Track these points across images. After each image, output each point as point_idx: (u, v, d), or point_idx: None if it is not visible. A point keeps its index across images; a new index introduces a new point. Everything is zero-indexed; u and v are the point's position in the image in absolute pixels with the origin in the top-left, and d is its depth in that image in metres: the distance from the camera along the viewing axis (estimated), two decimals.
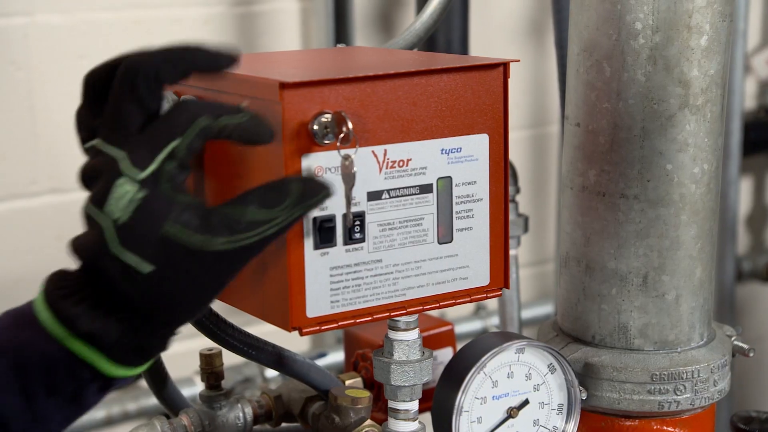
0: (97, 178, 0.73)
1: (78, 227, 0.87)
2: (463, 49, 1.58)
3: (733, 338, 1.06)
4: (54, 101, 1.60)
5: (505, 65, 0.88)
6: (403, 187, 0.84)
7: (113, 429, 1.66)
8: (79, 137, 0.79)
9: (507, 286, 0.91)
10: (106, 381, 0.76)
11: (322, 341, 1.79)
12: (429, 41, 1.55)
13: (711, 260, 1.02)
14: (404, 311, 0.85)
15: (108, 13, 1.63)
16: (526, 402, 0.85)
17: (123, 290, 0.72)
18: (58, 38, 1.59)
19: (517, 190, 1.33)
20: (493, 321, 1.85)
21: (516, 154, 1.93)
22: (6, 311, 0.78)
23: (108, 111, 0.75)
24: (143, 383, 1.06)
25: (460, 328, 1.47)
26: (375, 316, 0.85)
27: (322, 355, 1.63)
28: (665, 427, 1.01)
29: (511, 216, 1.33)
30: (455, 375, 0.83)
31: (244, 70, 0.83)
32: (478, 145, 0.87)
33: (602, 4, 0.96)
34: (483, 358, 0.83)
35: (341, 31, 1.74)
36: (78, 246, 0.74)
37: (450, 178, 0.85)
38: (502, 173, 0.90)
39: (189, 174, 0.74)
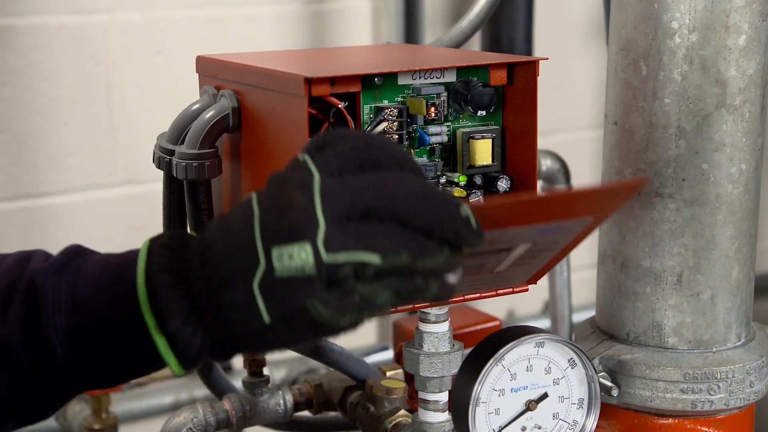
0: (291, 206, 0.70)
1: (150, 218, 0.91)
2: (527, 48, 1.59)
3: None
4: (131, 96, 1.66)
5: (534, 63, 0.89)
6: None
7: None
8: None
9: (533, 281, 0.93)
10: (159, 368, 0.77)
11: (388, 335, 1.82)
12: (493, 40, 1.56)
13: (749, 261, 1.01)
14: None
15: (184, 11, 1.67)
16: (545, 395, 0.86)
17: (228, 317, 0.70)
18: (135, 35, 1.65)
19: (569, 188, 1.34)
20: None
21: (590, 153, 1.93)
22: (111, 255, 0.77)
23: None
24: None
25: None
26: (399, 308, 0.86)
27: (385, 348, 1.65)
28: (700, 427, 1.01)
29: None
30: (473, 366, 0.85)
31: (274, 65, 0.86)
32: None
33: (639, 3, 0.97)
34: (500, 351, 0.84)
35: (411, 29, 1.76)
36: (219, 239, 0.71)
37: None
38: (533, 170, 0.91)
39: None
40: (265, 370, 1.66)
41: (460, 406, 0.83)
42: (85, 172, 1.66)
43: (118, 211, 1.68)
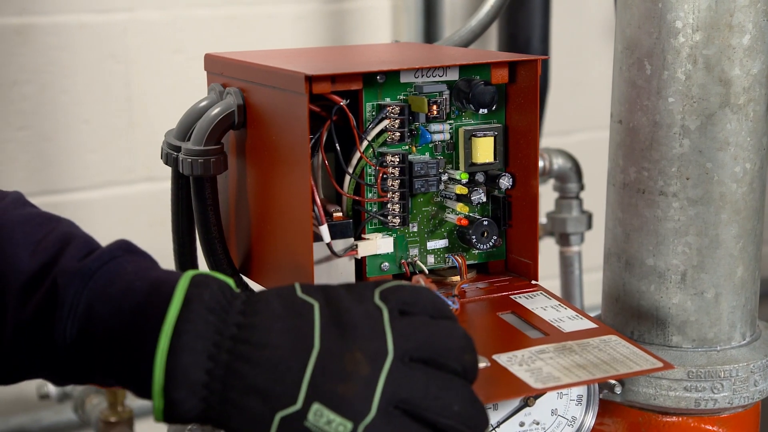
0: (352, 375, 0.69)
1: (169, 215, 0.93)
2: (544, 47, 1.59)
3: None
4: (150, 93, 1.67)
5: (536, 62, 0.90)
6: None
7: None
8: None
9: (536, 278, 0.94)
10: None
11: None
12: (509, 40, 1.57)
13: (754, 260, 1.01)
14: None
15: (204, 10, 1.69)
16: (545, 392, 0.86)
17: (235, 419, 0.69)
18: (155, 33, 1.66)
19: (581, 187, 1.34)
20: None
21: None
22: (140, 276, 0.74)
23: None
24: None
25: None
26: None
27: None
28: (704, 425, 1.01)
29: (575, 213, 1.35)
30: None
31: (278, 63, 0.87)
32: None
33: (644, 2, 0.97)
34: None
35: (431, 27, 1.77)
36: (267, 331, 0.69)
37: None
38: (534, 168, 0.92)
39: None
40: None
41: None
42: (106, 168, 1.68)
43: (137, 208, 1.70)
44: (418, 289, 0.73)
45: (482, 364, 0.78)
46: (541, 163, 1.32)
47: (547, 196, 1.51)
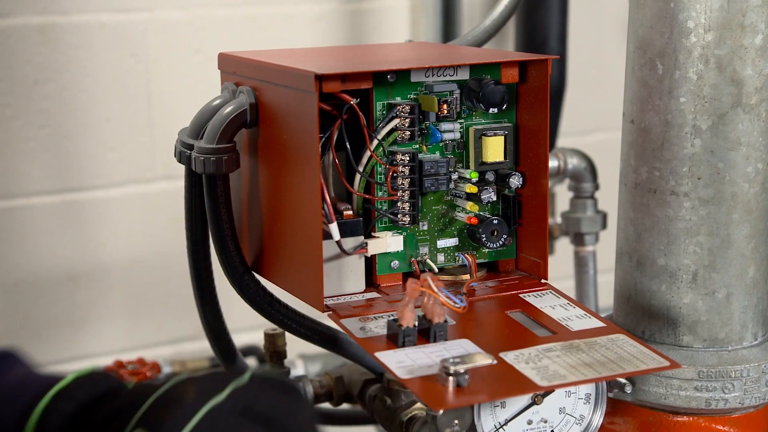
0: None
1: None
2: (561, 47, 1.59)
3: None
4: (169, 92, 1.69)
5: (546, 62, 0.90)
6: None
7: None
8: None
9: (545, 277, 0.94)
10: None
11: None
12: (527, 39, 1.57)
13: (767, 260, 1.01)
14: None
15: (223, 10, 1.70)
16: (551, 390, 0.86)
17: None
18: (175, 33, 1.67)
19: (596, 187, 1.34)
20: None
21: None
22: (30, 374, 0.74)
23: None
24: None
25: None
26: None
27: None
28: (714, 425, 1.01)
29: (590, 212, 1.35)
30: None
31: (289, 62, 0.88)
32: None
33: (656, 2, 0.97)
34: None
35: (449, 28, 1.77)
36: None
37: None
38: (545, 167, 0.92)
39: None
40: (300, 364, 1.70)
41: None
42: (126, 166, 1.69)
43: (157, 205, 1.71)
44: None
45: (488, 362, 0.79)
46: (555, 163, 1.32)
47: (563, 196, 1.52)
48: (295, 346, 1.17)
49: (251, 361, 1.73)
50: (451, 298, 0.83)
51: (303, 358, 1.70)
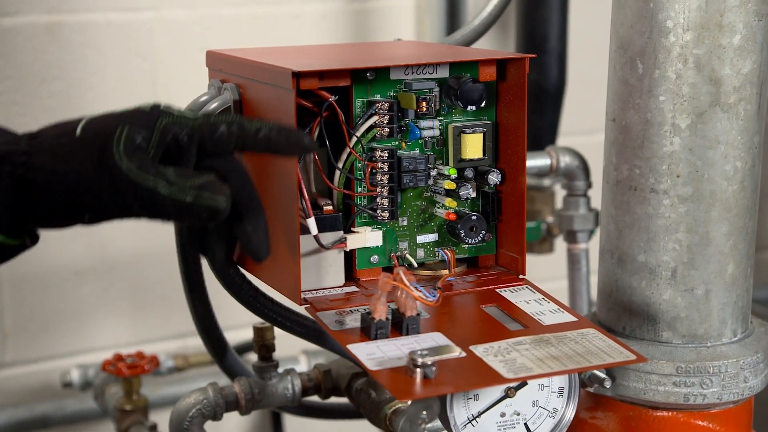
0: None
1: None
2: (561, 46, 1.60)
3: None
4: (175, 90, 1.71)
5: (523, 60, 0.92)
6: None
7: None
8: None
9: (523, 272, 0.96)
10: None
11: None
12: (527, 37, 1.58)
13: (746, 258, 1.02)
14: None
15: (229, 9, 1.72)
16: (524, 383, 0.88)
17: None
18: (181, 32, 1.70)
19: (589, 185, 1.35)
20: None
21: None
22: None
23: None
24: None
25: None
26: None
27: None
28: (694, 420, 1.02)
29: (582, 210, 1.36)
30: None
31: (271, 59, 0.90)
32: None
33: (636, 2, 0.98)
34: None
35: (454, 27, 1.78)
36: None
37: None
38: (522, 164, 0.94)
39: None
40: (303, 359, 1.71)
41: None
42: None
43: None
44: None
45: (456, 354, 0.80)
46: (548, 161, 1.33)
47: (562, 194, 1.52)
48: (298, 341, 1.19)
49: (255, 357, 1.75)
50: (423, 292, 0.84)
51: (306, 353, 1.72)
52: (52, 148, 0.81)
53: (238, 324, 1.45)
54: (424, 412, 0.81)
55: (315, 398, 1.15)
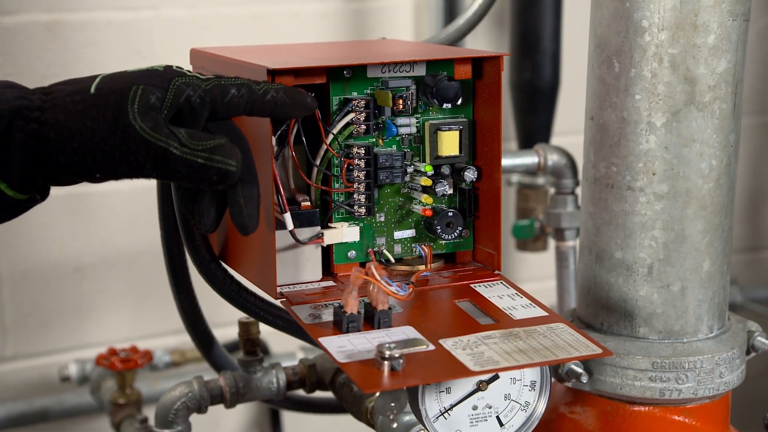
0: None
1: None
2: (555, 46, 1.61)
3: (756, 334, 1.07)
4: None
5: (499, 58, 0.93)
6: None
7: None
8: None
9: (499, 268, 0.97)
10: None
11: None
12: (521, 37, 1.60)
13: (722, 255, 1.03)
14: None
15: (228, 8, 1.74)
16: (496, 377, 0.89)
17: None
18: (180, 31, 1.72)
19: (577, 183, 1.36)
20: None
21: None
22: None
23: None
24: None
25: None
26: None
27: None
28: (670, 415, 1.03)
29: (570, 208, 1.37)
30: None
31: (249, 57, 0.92)
32: None
33: (613, 2, 1.00)
34: None
35: None
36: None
37: None
38: (498, 161, 0.95)
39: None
40: (300, 355, 1.73)
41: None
42: None
43: None
44: None
45: (423, 347, 0.82)
46: (536, 159, 1.34)
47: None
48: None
49: None
50: (393, 286, 0.86)
51: (304, 349, 1.74)
52: (65, 105, 0.81)
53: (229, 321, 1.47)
54: (392, 404, 0.82)
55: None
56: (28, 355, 1.70)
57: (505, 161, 1.33)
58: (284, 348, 1.75)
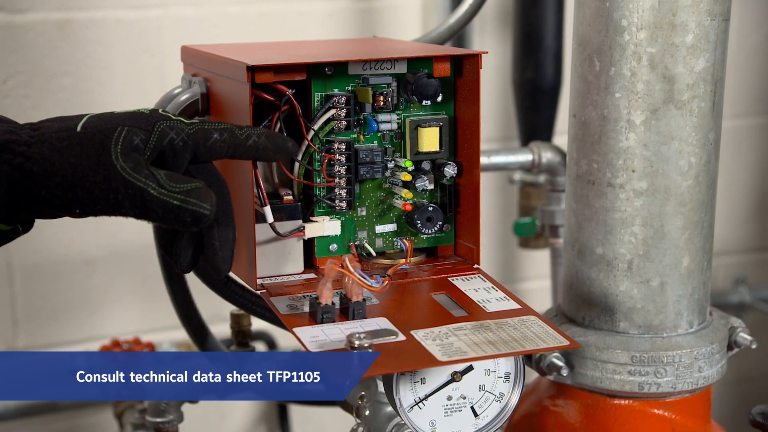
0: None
1: None
2: (557, 45, 1.63)
3: (738, 330, 1.08)
4: None
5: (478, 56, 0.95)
6: None
7: None
8: None
9: (478, 262, 0.99)
10: None
11: None
12: (523, 36, 1.61)
13: (702, 251, 1.05)
14: None
15: (236, 7, 1.77)
16: (470, 368, 0.91)
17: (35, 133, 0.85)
18: (188, 29, 1.75)
19: None
20: None
21: None
22: None
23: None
24: None
25: None
26: None
27: None
28: (650, 409, 1.05)
29: (563, 205, 1.38)
30: None
31: (233, 54, 0.94)
32: None
33: (594, 1, 1.01)
34: None
35: None
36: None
37: None
38: (477, 158, 0.97)
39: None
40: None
41: (386, 375, 0.90)
42: None
43: None
44: None
45: (393, 338, 0.84)
46: (530, 157, 1.36)
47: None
48: None
49: (260, 346, 1.79)
50: (366, 278, 0.88)
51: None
52: (52, 141, 0.84)
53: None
54: (363, 393, 0.85)
55: None
56: (39, 347, 1.73)
57: (500, 158, 1.35)
58: (291, 343, 1.77)
